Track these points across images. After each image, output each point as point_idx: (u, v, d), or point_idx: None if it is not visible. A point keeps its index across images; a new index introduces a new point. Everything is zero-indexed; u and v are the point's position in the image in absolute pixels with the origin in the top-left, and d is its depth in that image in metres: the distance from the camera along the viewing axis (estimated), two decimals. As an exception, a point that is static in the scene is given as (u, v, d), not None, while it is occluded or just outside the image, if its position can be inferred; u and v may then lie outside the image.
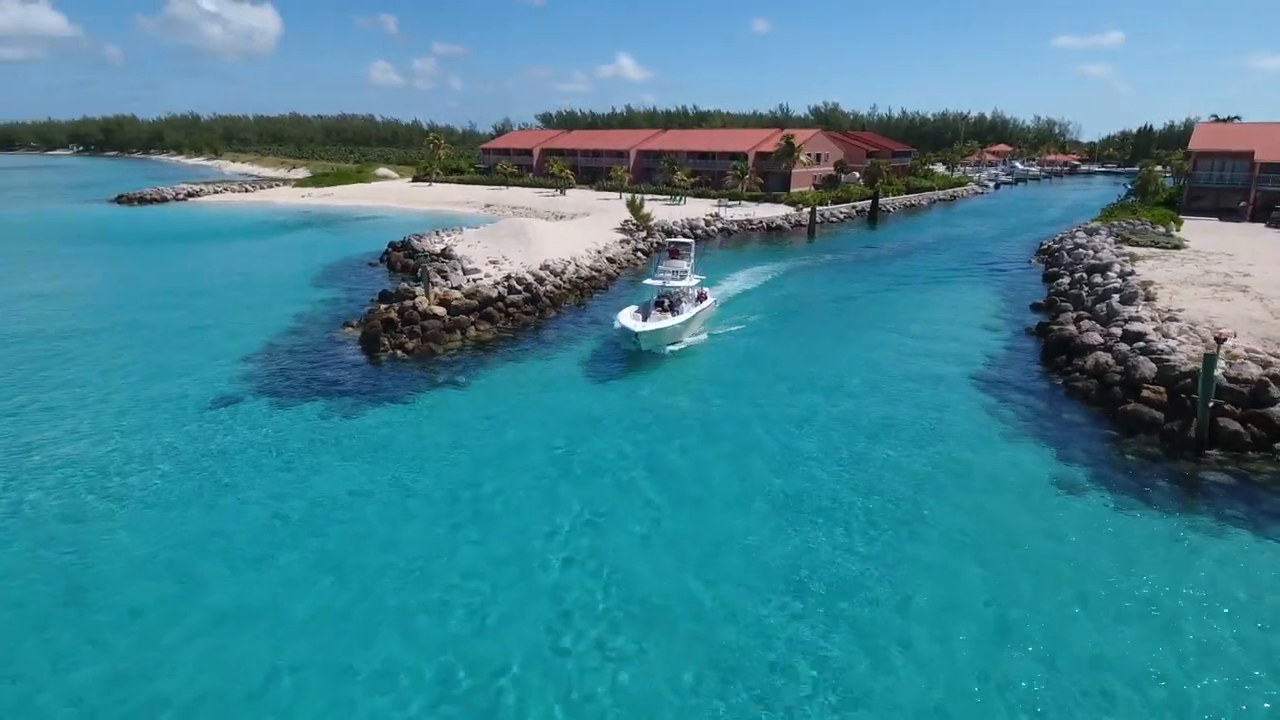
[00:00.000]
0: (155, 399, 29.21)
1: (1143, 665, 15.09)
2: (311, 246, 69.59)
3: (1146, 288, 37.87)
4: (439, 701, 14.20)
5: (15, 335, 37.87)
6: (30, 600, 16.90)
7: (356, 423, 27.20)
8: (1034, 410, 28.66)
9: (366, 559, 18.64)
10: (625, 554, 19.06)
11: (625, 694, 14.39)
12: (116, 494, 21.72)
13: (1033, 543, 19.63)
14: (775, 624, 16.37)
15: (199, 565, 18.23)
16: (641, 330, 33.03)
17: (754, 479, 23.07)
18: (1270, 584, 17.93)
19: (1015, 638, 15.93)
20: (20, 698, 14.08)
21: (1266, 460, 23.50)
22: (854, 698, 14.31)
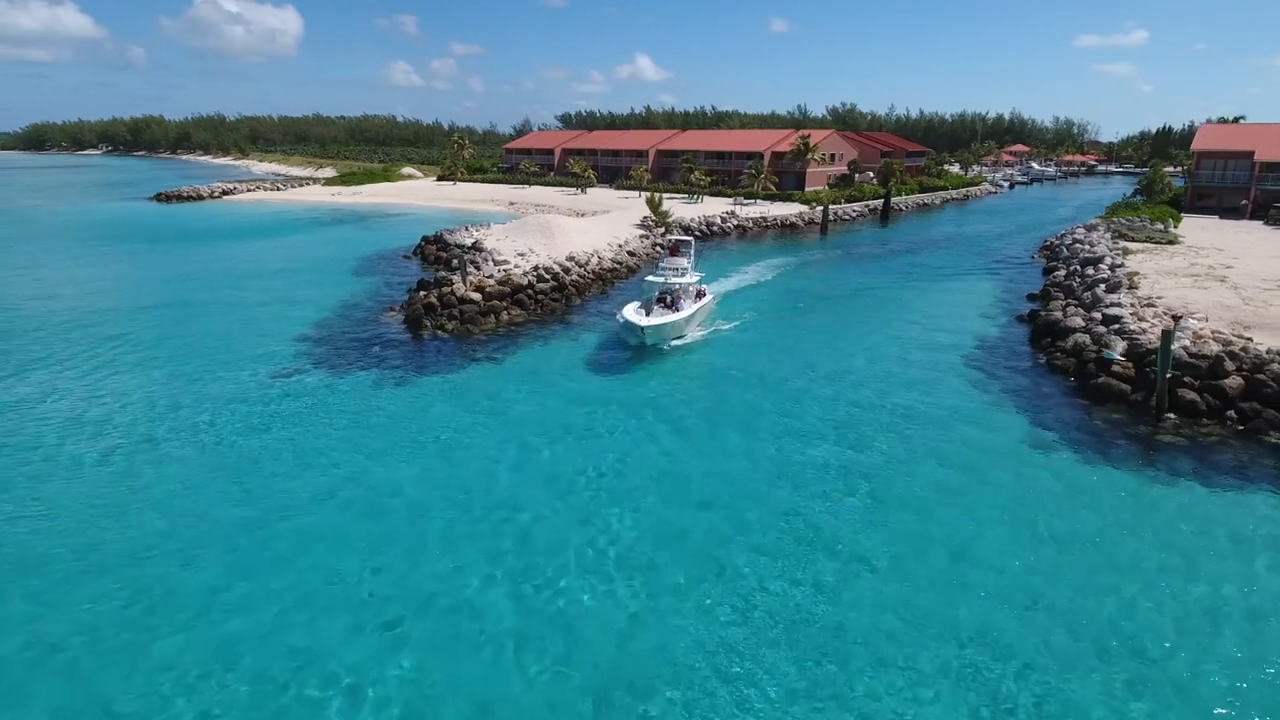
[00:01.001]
0: (228, 369, 32.77)
1: (1083, 577, 18.07)
2: (347, 241, 73.38)
3: (1132, 278, 40.64)
4: (496, 583, 17.41)
5: (102, 315, 41.68)
6: (203, 507, 20.32)
7: (405, 389, 30.61)
8: (1017, 384, 31.62)
9: (422, 493, 21.96)
10: (641, 487, 22.26)
11: (642, 577, 17.54)
12: (208, 437, 25.20)
13: (1002, 486, 22.67)
14: (768, 539, 19.49)
15: (300, 491, 21.63)
16: (647, 325, 34.17)
17: (757, 433, 26.21)
18: (1208, 521, 20.78)
19: (974, 556, 18.96)
20: (225, 567, 17.45)
21: (1218, 424, 26.38)
22: (837, 593, 17.39)
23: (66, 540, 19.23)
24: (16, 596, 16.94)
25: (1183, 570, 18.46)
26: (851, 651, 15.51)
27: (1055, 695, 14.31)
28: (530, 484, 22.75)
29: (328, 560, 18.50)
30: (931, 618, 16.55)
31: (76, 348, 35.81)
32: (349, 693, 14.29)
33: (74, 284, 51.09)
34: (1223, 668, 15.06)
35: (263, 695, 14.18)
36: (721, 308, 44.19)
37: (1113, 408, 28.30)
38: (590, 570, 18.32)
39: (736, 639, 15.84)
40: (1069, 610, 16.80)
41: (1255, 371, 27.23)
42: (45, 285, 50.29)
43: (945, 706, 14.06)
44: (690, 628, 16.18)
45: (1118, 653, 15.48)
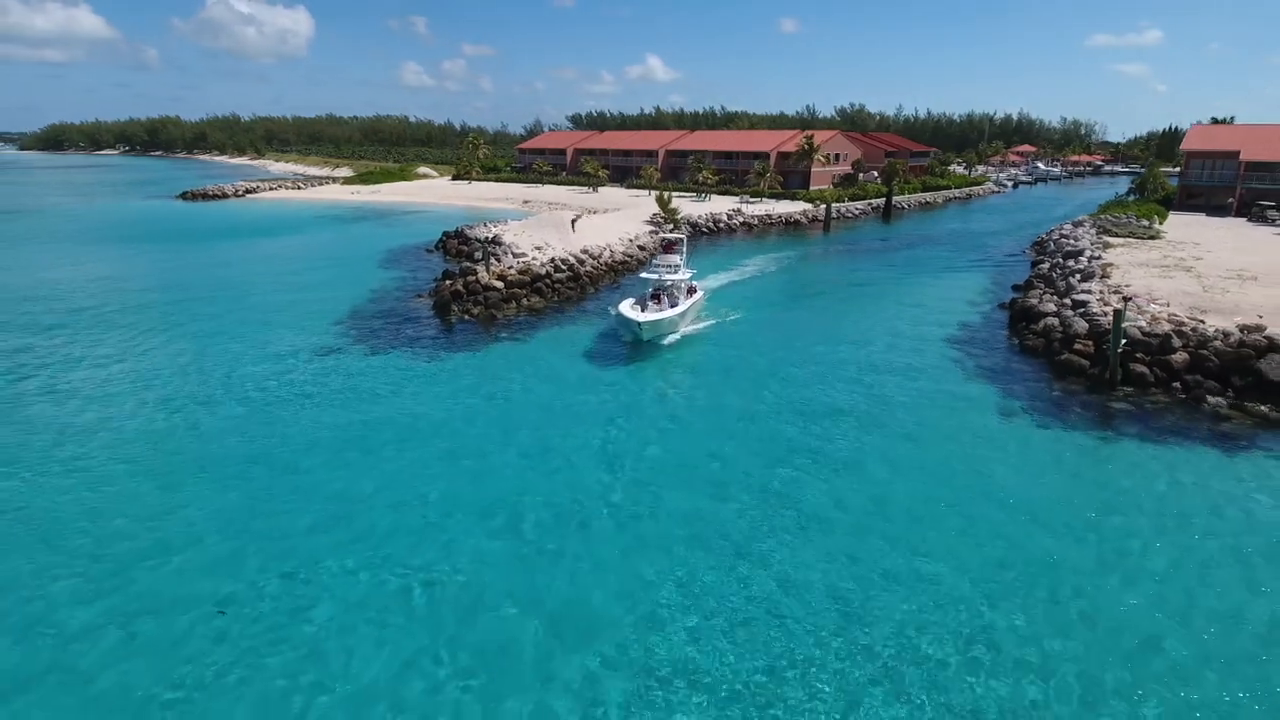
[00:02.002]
0: (276, 346, 36.35)
1: (1033, 518, 21.29)
2: (370, 237, 77.06)
3: (1105, 269, 43.79)
4: (521, 520, 20.81)
5: (154, 301, 45.44)
6: (258, 453, 23.85)
7: (436, 365, 34.10)
8: (992, 362, 34.88)
9: (451, 445, 25.42)
10: (648, 441, 25.67)
11: (650, 509, 20.92)
12: (264, 398, 28.74)
13: (971, 445, 25.92)
14: (759, 479, 22.84)
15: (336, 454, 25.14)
16: (644, 320, 35.04)
17: (755, 398, 29.56)
18: (1149, 475, 23.88)
19: (940, 499, 22.24)
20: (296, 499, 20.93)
21: (1164, 393, 29.60)
22: (821, 518, 20.73)
23: (180, 469, 22.80)
24: (173, 507, 20.48)
25: (1122, 509, 21.67)
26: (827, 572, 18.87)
27: (1004, 608, 17.63)
28: (541, 443, 26.16)
29: (380, 483, 22.00)
30: (908, 541, 19.88)
31: (137, 329, 39.46)
32: (400, 590, 17.71)
33: (125, 274, 54.94)
34: (1150, 583, 18.34)
35: (351, 584, 17.64)
36: (725, 295, 47.58)
37: (1073, 380, 31.55)
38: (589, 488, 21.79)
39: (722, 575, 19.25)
40: (1020, 544, 20.01)
41: (1199, 348, 30.44)
42: (99, 276, 54.11)
43: (901, 597, 17.39)
44: (673, 536, 19.59)
45: (1059, 575, 18.78)
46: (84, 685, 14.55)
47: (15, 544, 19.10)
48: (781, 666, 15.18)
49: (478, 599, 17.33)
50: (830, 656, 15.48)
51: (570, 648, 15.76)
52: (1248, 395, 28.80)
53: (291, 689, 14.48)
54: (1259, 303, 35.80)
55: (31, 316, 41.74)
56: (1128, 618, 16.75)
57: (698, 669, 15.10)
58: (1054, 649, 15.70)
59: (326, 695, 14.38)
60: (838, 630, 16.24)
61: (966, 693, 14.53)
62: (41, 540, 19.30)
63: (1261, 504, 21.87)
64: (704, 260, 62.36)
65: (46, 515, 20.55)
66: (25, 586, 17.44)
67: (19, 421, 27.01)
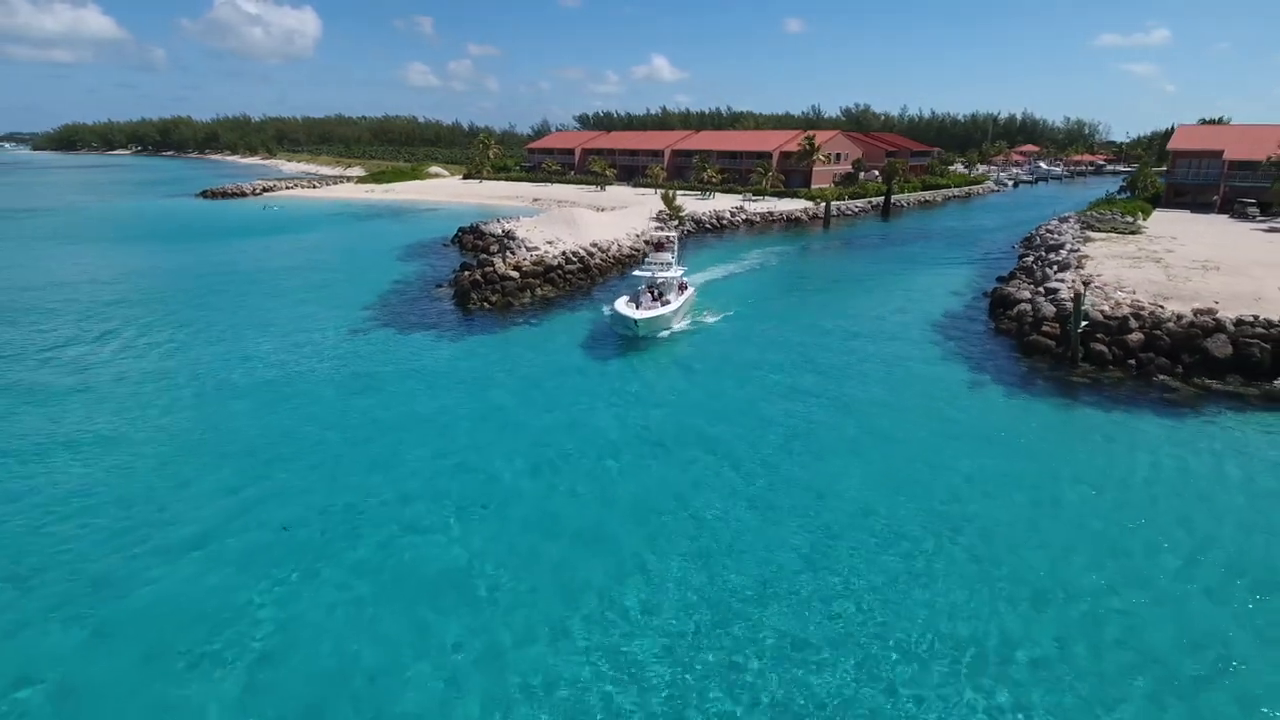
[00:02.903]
0: (310, 328, 39.70)
1: (997, 473, 24.43)
2: (388, 232, 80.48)
3: (1081, 260, 46.82)
4: (532, 474, 24.02)
5: (192, 290, 48.86)
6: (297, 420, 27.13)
7: (459, 345, 37.41)
8: (969, 344, 37.99)
9: (478, 407, 28.68)
10: (650, 404, 28.89)
11: (649, 469, 24.12)
12: (300, 379, 32.05)
13: (943, 413, 29.05)
14: (749, 430, 26.02)
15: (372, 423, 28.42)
16: (640, 317, 36.37)
17: (748, 369, 32.76)
18: (1102, 440, 26.92)
19: (914, 461, 25.37)
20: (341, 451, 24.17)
21: (1120, 370, 32.68)
22: (805, 482, 23.90)
23: (241, 429, 26.12)
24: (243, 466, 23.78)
25: (1075, 465, 24.81)
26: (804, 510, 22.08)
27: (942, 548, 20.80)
28: (556, 414, 29.40)
29: (413, 441, 25.28)
30: (889, 483, 23.07)
31: (188, 315, 42.90)
32: (445, 512, 20.97)
33: (163, 267, 58.52)
34: (1095, 521, 21.52)
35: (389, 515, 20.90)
36: (727, 284, 50.76)
37: (1040, 359, 34.65)
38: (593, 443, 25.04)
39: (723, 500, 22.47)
40: (985, 493, 23.15)
41: (1154, 329, 33.51)
42: (141, 268, 57.74)
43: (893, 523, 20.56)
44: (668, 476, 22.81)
45: (1016, 520, 21.96)
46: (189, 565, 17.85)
47: (138, 473, 22.47)
48: (768, 575, 18.38)
49: (507, 519, 20.62)
50: (797, 563, 18.67)
51: (583, 555, 19.02)
52: (1195, 371, 31.89)
53: (366, 583, 17.75)
54: (1217, 290, 38.79)
55: (93, 304, 45.21)
56: (1069, 541, 19.92)
57: (692, 576, 18.33)
58: (986, 554, 18.88)
59: (400, 584, 17.64)
60: (806, 548, 19.44)
61: (902, 599, 17.70)
62: (155, 470, 22.67)
63: (1198, 459, 24.98)
64: (707, 254, 65.80)
65: (144, 454, 23.94)
66: (155, 502, 20.77)
67: (120, 383, 30.45)
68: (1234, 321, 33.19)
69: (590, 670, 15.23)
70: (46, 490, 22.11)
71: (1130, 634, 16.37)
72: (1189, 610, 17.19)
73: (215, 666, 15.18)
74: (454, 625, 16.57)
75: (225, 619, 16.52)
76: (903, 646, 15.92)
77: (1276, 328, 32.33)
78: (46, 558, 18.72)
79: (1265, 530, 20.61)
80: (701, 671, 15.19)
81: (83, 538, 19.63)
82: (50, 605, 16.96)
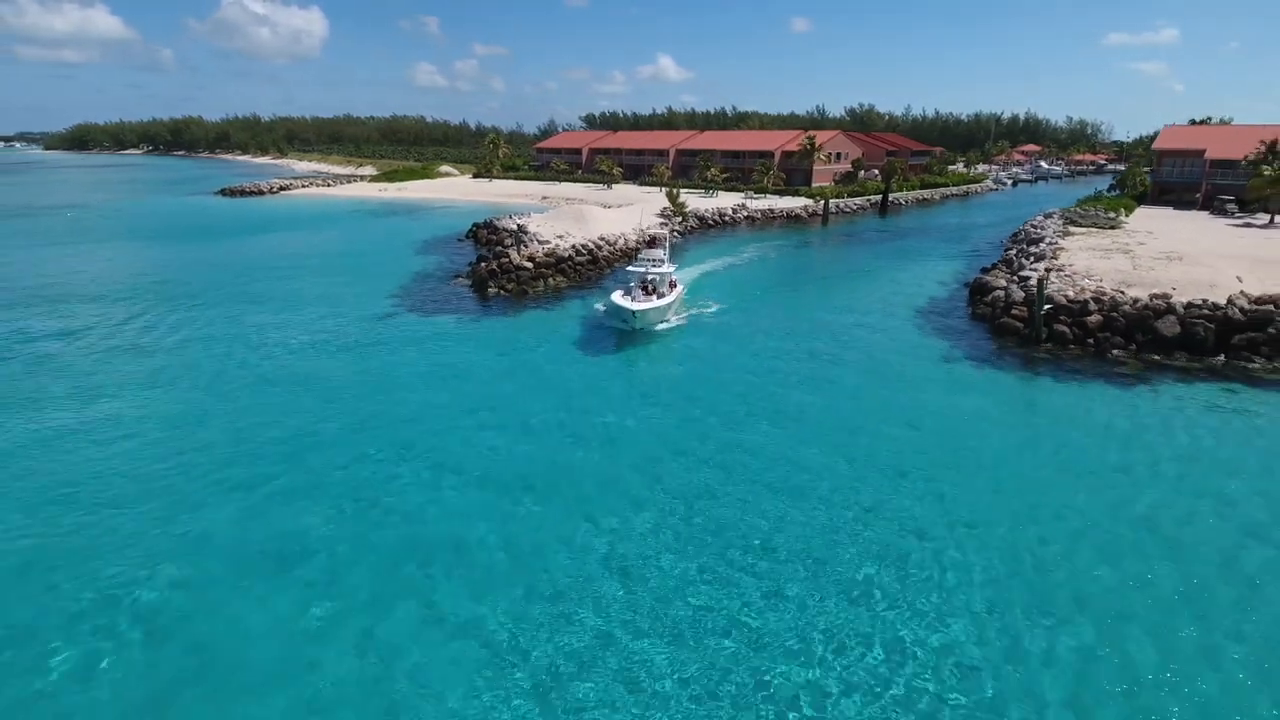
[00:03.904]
0: (340, 312, 43.39)
1: (962, 435, 27.84)
2: (404, 229, 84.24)
3: (1056, 252, 50.22)
4: (533, 434, 27.57)
5: (231, 279, 52.62)
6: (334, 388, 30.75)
7: (476, 328, 41.04)
8: (947, 326, 41.49)
9: (495, 380, 32.27)
10: (649, 377, 32.44)
11: (642, 433, 27.65)
12: (338, 354, 35.71)
13: (920, 383, 32.52)
14: (738, 397, 29.53)
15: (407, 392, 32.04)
16: (638, 309, 37.77)
17: (746, 346, 36.29)
18: (1060, 405, 30.41)
19: (892, 420, 28.84)
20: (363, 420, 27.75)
21: (1079, 348, 36.14)
22: (789, 421, 27.41)
23: (299, 404, 29.78)
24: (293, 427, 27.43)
25: (1034, 428, 28.43)
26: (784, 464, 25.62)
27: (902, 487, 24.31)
28: (566, 389, 32.99)
29: (448, 405, 28.90)
30: (853, 433, 26.61)
31: (230, 301, 46.62)
32: (470, 459, 24.54)
33: (200, 259, 62.35)
34: (1046, 470, 25.03)
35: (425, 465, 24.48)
36: (727, 274, 54.27)
37: (1009, 339, 38.14)
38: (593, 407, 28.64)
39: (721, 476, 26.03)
40: (955, 449, 26.65)
41: (1111, 311, 36.95)
42: (180, 260, 61.62)
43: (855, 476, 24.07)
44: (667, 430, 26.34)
45: (966, 473, 25.47)
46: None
47: (224, 416, 26.15)
48: (751, 498, 21.93)
49: (519, 468, 24.22)
50: (772, 495, 22.22)
51: (580, 499, 22.56)
52: (1146, 348, 35.35)
53: (403, 510, 21.36)
54: (1176, 278, 42.10)
55: (145, 291, 49.03)
56: (1020, 485, 23.43)
57: (694, 502, 21.89)
58: (946, 492, 22.41)
59: (433, 507, 21.23)
60: (778, 483, 22.99)
61: (863, 527, 21.24)
62: (227, 429, 26.35)
63: (1139, 420, 28.44)
64: (709, 248, 69.44)
65: (208, 411, 27.66)
66: (242, 440, 24.43)
67: (210, 347, 34.28)
68: (1184, 305, 36.61)
69: (609, 549, 18.77)
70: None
71: (1060, 543, 19.85)
72: (1116, 531, 20.66)
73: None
74: (520, 510, 20.38)
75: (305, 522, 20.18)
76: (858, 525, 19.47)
77: (1221, 310, 35.75)
78: (157, 476, 22.39)
79: (1196, 476, 24.02)
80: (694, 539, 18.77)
81: (190, 460, 23.30)
82: (156, 519, 20.58)
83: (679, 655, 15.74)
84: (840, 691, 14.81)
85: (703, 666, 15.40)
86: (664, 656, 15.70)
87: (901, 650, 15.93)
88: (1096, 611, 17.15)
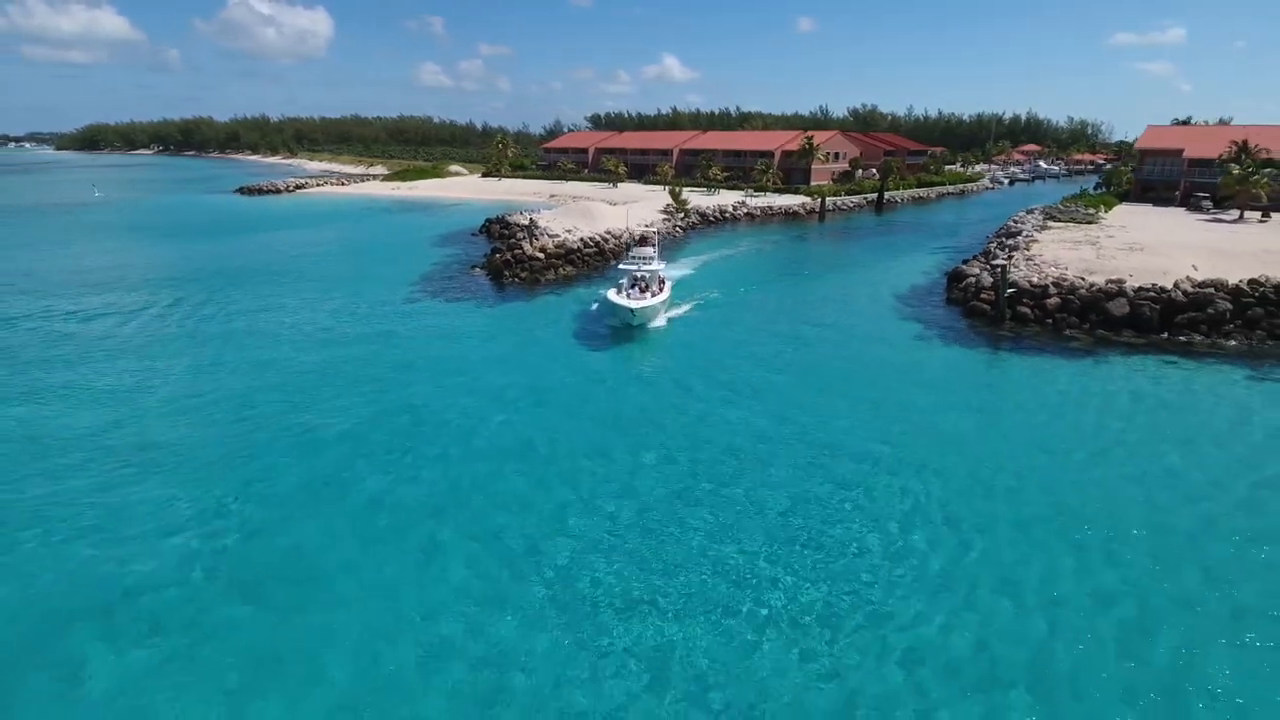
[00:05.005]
0: (368, 296, 47.55)
1: (934, 402, 31.78)
2: (420, 224, 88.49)
3: (1029, 243, 54.16)
4: (549, 390, 31.62)
5: (265, 268, 56.88)
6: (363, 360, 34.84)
7: (493, 309, 45.20)
8: (924, 310, 45.49)
9: (511, 356, 36.37)
10: (647, 353, 36.53)
11: (642, 410, 31.67)
12: (363, 330, 39.84)
13: (896, 358, 36.54)
14: (730, 369, 33.56)
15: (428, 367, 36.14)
16: (637, 306, 39.18)
17: (737, 324, 40.33)
18: (1017, 376, 34.38)
19: (867, 385, 32.90)
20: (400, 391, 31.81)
21: (1038, 326, 40.14)
22: (776, 389, 31.41)
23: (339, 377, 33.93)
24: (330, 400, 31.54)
25: (994, 390, 32.47)
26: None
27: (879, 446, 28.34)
28: (578, 363, 37.09)
29: (468, 378, 33.02)
30: (831, 395, 30.64)
31: (272, 287, 50.83)
32: (487, 422, 28.62)
33: (236, 251, 66.63)
34: (1005, 425, 29.04)
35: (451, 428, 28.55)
36: (725, 264, 58.32)
37: (978, 320, 42.17)
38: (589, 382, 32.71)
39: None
40: (922, 414, 30.69)
41: (1069, 294, 40.93)
42: (216, 252, 65.88)
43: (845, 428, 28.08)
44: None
45: (930, 420, 29.48)
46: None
47: (292, 385, 30.30)
48: (743, 447, 25.96)
49: (527, 430, 28.32)
50: (757, 454, 26.27)
51: (590, 452, 26.63)
52: (1098, 327, 39.31)
53: (433, 457, 25.45)
54: (1135, 266, 46.00)
55: (203, 277, 53.38)
56: (978, 437, 27.46)
57: (699, 445, 25.94)
58: (908, 450, 26.43)
59: (461, 448, 25.32)
60: (756, 440, 27.04)
61: (829, 472, 25.28)
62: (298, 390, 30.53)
63: (1087, 387, 32.37)
64: (709, 242, 73.46)
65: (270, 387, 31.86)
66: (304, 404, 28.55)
67: (260, 326, 38.47)
68: (1134, 289, 40.57)
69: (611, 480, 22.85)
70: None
71: (1011, 479, 23.86)
72: (1064, 471, 24.66)
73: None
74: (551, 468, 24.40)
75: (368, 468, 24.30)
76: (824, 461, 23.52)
77: (1166, 293, 39.71)
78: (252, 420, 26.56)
79: (1135, 429, 27.98)
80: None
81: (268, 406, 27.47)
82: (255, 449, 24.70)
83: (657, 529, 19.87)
84: (796, 583, 18.88)
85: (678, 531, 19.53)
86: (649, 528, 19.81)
87: (860, 548, 20.00)
88: (1027, 522, 21.22)
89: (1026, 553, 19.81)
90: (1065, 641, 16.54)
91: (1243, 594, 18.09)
